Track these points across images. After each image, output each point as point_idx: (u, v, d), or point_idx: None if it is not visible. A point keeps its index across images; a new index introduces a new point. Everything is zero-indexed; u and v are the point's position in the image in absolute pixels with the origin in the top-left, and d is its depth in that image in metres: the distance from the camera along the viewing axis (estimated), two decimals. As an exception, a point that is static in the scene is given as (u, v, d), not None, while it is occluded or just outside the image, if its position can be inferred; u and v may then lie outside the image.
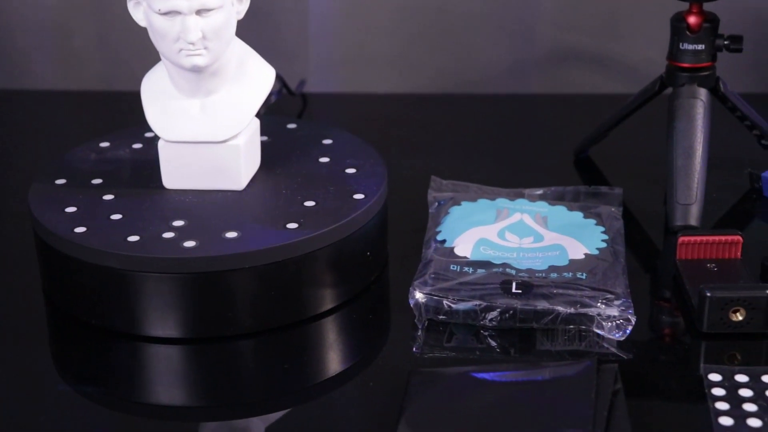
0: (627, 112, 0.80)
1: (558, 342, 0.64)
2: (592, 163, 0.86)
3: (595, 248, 0.69)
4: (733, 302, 0.62)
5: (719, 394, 0.58)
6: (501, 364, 0.60)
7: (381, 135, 0.93)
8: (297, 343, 0.66)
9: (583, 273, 0.66)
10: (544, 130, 0.96)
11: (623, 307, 0.63)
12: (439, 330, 0.64)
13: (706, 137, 0.75)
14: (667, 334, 0.65)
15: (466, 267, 0.66)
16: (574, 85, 1.00)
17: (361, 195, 0.67)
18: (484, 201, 0.75)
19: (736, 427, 0.55)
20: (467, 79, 1.03)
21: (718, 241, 0.67)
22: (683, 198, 0.73)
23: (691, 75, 0.76)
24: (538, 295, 0.64)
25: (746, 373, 0.59)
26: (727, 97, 0.78)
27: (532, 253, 0.69)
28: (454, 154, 0.89)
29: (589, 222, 0.72)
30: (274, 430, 0.59)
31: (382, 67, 1.01)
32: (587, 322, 0.63)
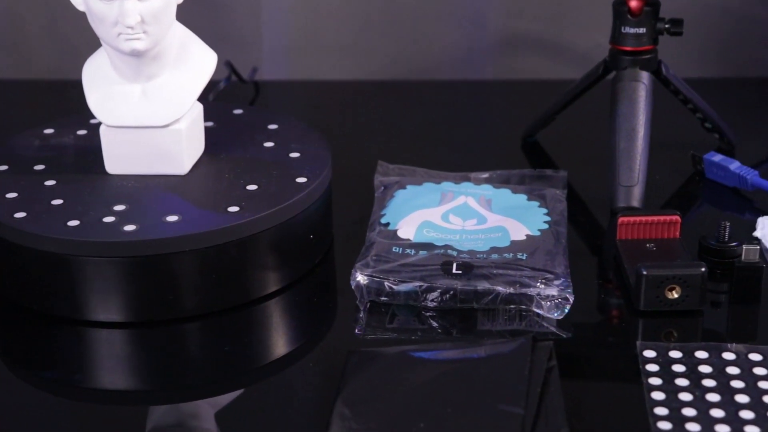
0: (572, 97, 0.81)
1: (498, 322, 0.65)
2: (539, 147, 0.87)
3: (537, 229, 0.70)
4: (669, 280, 0.63)
5: (653, 370, 0.59)
6: (438, 343, 0.61)
7: (333, 121, 0.94)
8: (241, 325, 0.66)
9: (523, 254, 0.67)
10: (495, 115, 0.97)
11: (562, 286, 0.64)
12: (381, 311, 0.65)
13: (648, 120, 0.75)
14: (606, 313, 0.66)
15: (408, 249, 0.67)
16: (526, 71, 1.01)
17: (304, 179, 0.68)
18: (430, 185, 0.75)
19: (667, 401, 0.56)
20: (420, 65, 1.03)
21: (656, 221, 0.68)
22: (625, 180, 0.74)
23: (633, 58, 0.77)
24: (478, 275, 0.64)
25: (680, 350, 0.60)
26: (670, 81, 0.79)
27: (474, 235, 0.69)
28: (405, 139, 0.89)
29: (532, 204, 0.73)
30: (220, 413, 0.59)
31: (335, 54, 1.01)
32: (527, 301, 0.64)
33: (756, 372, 0.58)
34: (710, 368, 0.58)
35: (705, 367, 0.59)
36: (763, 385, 0.57)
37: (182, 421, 0.60)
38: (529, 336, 0.57)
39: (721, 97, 0.94)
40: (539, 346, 0.57)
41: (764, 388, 0.57)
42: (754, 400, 0.56)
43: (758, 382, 0.57)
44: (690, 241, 0.70)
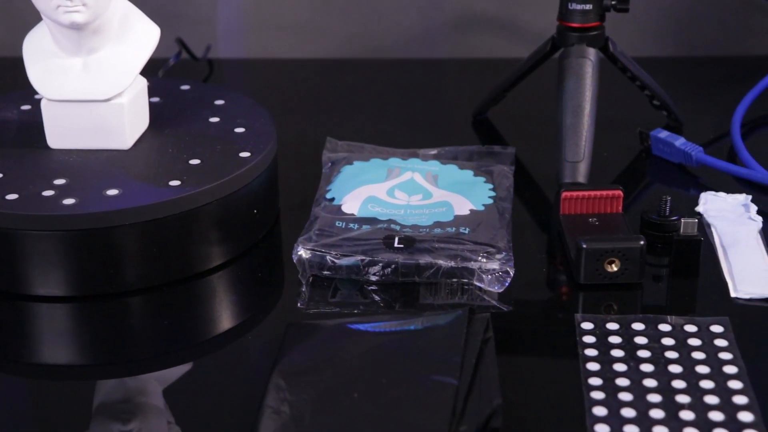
0: (521, 74, 0.82)
1: (440, 295, 0.65)
2: (490, 124, 0.87)
3: (482, 204, 0.70)
4: (608, 253, 0.64)
5: (589, 342, 0.59)
6: (376, 315, 0.61)
7: (287, 99, 0.94)
8: (185, 299, 0.66)
9: (466, 228, 0.67)
10: (448, 93, 0.97)
11: (504, 260, 0.64)
12: (324, 285, 0.65)
13: (595, 96, 0.76)
14: (547, 286, 0.66)
15: (351, 223, 0.67)
16: (481, 50, 1.01)
17: (248, 153, 0.67)
18: (377, 160, 0.75)
19: (601, 372, 0.57)
20: (376, 44, 1.03)
21: (599, 195, 0.68)
22: (571, 155, 0.74)
23: (580, 35, 0.77)
24: (420, 249, 0.65)
25: (617, 322, 0.61)
26: (617, 57, 0.79)
27: (419, 210, 0.69)
28: (359, 117, 0.89)
29: (478, 180, 0.73)
30: (164, 386, 0.59)
31: (291, 33, 1.01)
32: (468, 275, 0.64)
33: (690, 343, 0.58)
34: (646, 339, 0.59)
35: (641, 338, 0.59)
36: (696, 356, 0.57)
37: (129, 397, 0.60)
38: (466, 308, 0.58)
39: (676, 76, 0.95)
40: (476, 318, 0.58)
41: (697, 358, 0.57)
42: (686, 370, 0.56)
43: (692, 352, 0.58)
44: (635, 216, 0.70)
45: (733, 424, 0.53)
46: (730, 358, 0.57)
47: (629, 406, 0.54)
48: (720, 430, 0.52)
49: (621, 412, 0.54)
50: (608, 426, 0.53)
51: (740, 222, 0.69)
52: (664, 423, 0.53)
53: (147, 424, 0.57)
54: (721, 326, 0.60)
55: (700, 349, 0.58)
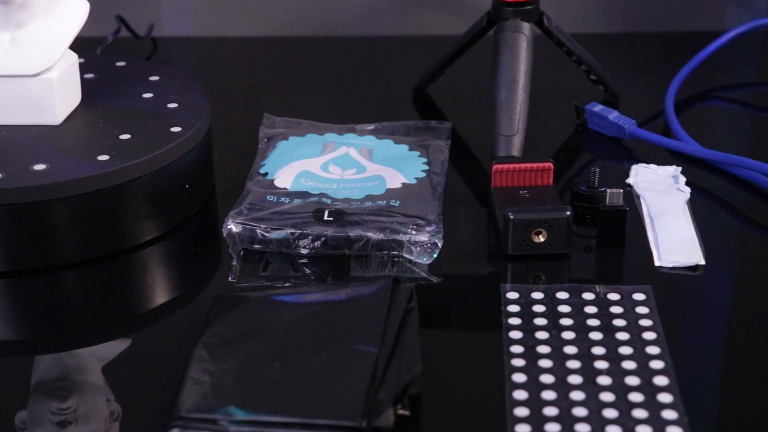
0: (458, 49, 0.82)
1: (371, 268, 0.65)
2: (431, 100, 0.88)
3: (414, 178, 0.70)
4: (535, 224, 0.64)
5: (514, 311, 0.60)
6: (303, 287, 0.62)
7: (230, 77, 0.94)
8: (117, 274, 0.66)
9: (397, 201, 0.67)
10: (393, 70, 0.97)
11: (433, 232, 0.65)
12: (255, 259, 0.65)
13: (529, 70, 0.76)
14: (477, 258, 0.67)
15: (283, 197, 0.67)
16: (427, 27, 1.02)
17: (179, 128, 0.68)
18: (313, 136, 0.76)
19: (524, 340, 0.57)
20: (323, 21, 1.03)
21: (530, 168, 0.69)
22: (505, 129, 0.74)
23: (514, 10, 0.77)
24: (350, 222, 0.65)
25: (542, 291, 0.61)
26: (552, 32, 0.80)
27: (352, 184, 0.70)
28: (303, 94, 0.89)
29: (413, 154, 0.74)
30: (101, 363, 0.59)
31: (238, 11, 1.01)
32: (397, 247, 0.64)
33: (612, 311, 0.59)
34: (569, 308, 0.60)
35: (564, 307, 0.60)
36: (617, 323, 0.58)
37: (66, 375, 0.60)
38: (390, 279, 0.58)
39: (620, 51, 0.96)
40: (400, 288, 0.58)
41: (618, 326, 0.58)
42: (607, 337, 0.57)
43: (613, 320, 0.58)
44: (568, 189, 0.71)
45: (648, 388, 0.53)
46: (649, 325, 0.58)
47: (548, 373, 0.55)
48: (635, 393, 0.53)
49: (540, 378, 0.55)
50: (527, 392, 0.54)
51: (669, 193, 0.70)
52: (581, 388, 0.54)
53: (85, 401, 0.58)
54: (643, 294, 0.60)
55: (622, 316, 0.59)
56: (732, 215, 0.71)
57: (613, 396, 0.53)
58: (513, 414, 0.53)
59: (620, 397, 0.53)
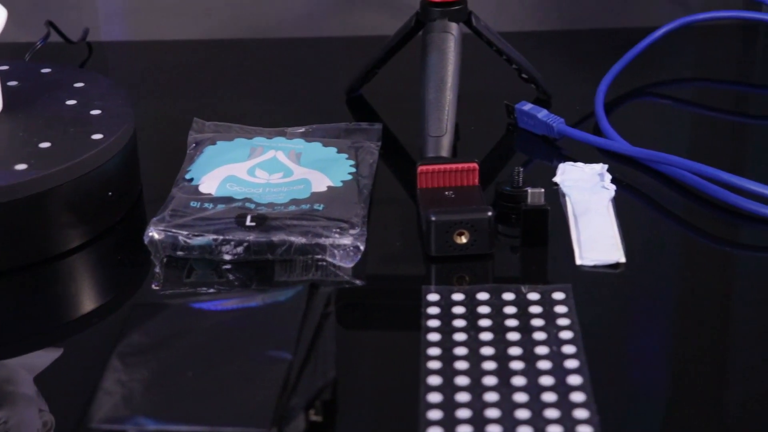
0: (388, 50, 0.82)
1: (295, 272, 0.65)
2: (364, 101, 0.87)
3: (340, 181, 0.70)
4: (457, 225, 0.64)
5: (433, 313, 0.60)
6: (219, 293, 0.62)
7: (164, 81, 0.92)
8: (41, 283, 0.65)
9: (321, 204, 0.67)
10: (331, 71, 0.97)
11: (356, 235, 0.64)
12: (179, 266, 0.65)
13: (457, 70, 0.76)
14: (402, 260, 0.67)
15: (206, 203, 0.67)
16: (365, 28, 1.02)
17: (100, 135, 0.67)
18: (241, 140, 0.75)
19: (441, 342, 0.57)
20: (261, 23, 1.02)
21: (455, 169, 0.69)
22: (434, 130, 0.74)
23: (442, 10, 0.77)
24: (273, 227, 0.65)
25: (463, 292, 0.61)
26: (481, 32, 0.80)
27: (277, 188, 0.69)
28: (238, 98, 0.88)
29: (341, 157, 0.73)
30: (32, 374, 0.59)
31: (176, 14, 0.99)
32: (320, 251, 0.64)
33: (531, 310, 0.59)
34: (489, 309, 0.60)
35: (484, 308, 0.60)
36: (535, 323, 0.58)
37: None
38: (307, 283, 0.58)
39: (555, 49, 0.95)
40: (318, 294, 0.58)
41: (536, 326, 0.58)
42: (524, 337, 0.57)
43: (531, 320, 0.59)
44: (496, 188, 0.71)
45: (562, 388, 0.54)
46: (567, 324, 0.58)
47: (464, 375, 0.55)
48: (548, 393, 0.53)
49: (455, 380, 0.55)
50: (441, 395, 0.54)
51: (594, 191, 0.70)
52: (495, 389, 0.54)
53: (16, 412, 0.57)
54: (563, 293, 0.61)
55: (540, 316, 0.59)
56: (658, 213, 0.71)
57: (526, 396, 0.53)
58: (426, 417, 0.52)
59: (533, 398, 0.53)
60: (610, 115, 0.81)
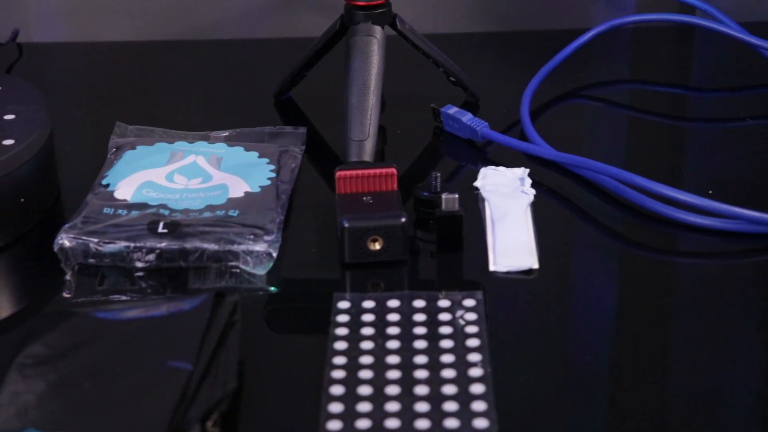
0: (314, 53, 0.81)
1: (209, 279, 0.64)
2: (293, 104, 0.86)
3: (258, 186, 0.69)
4: (370, 231, 0.64)
5: (342, 321, 0.59)
6: (123, 303, 0.61)
7: (94, 83, 0.91)
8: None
9: (236, 210, 0.66)
10: (264, 74, 0.96)
11: (270, 242, 0.64)
12: (91, 274, 0.64)
13: (381, 74, 0.75)
14: (318, 267, 0.66)
15: (120, 210, 0.66)
16: (303, 29, 1.01)
17: (11, 141, 0.66)
18: (162, 144, 0.74)
19: (348, 351, 0.57)
20: (199, 24, 1.02)
21: (373, 174, 0.68)
22: (357, 134, 0.74)
23: (366, 13, 0.77)
24: (186, 234, 0.64)
25: (374, 299, 0.61)
26: (406, 35, 0.80)
27: (194, 194, 0.69)
28: (167, 101, 0.87)
29: (262, 161, 0.73)
30: None
31: (111, 15, 0.98)
32: (233, 258, 0.64)
33: (440, 318, 0.59)
34: (399, 316, 0.59)
35: (394, 315, 0.59)
36: (443, 331, 0.58)
37: None
38: (213, 291, 0.58)
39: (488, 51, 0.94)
40: (224, 302, 0.58)
41: (443, 333, 0.58)
42: (431, 345, 0.57)
43: (440, 327, 0.58)
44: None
45: (464, 396, 0.53)
46: (475, 332, 0.58)
47: (367, 384, 0.54)
48: (450, 402, 0.53)
49: (358, 390, 0.54)
50: (342, 405, 0.53)
51: (513, 195, 0.70)
52: (397, 399, 0.53)
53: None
54: (473, 300, 0.60)
55: (449, 323, 0.59)
56: (578, 218, 0.70)
57: (428, 406, 0.53)
58: (325, 428, 0.52)
59: (435, 407, 0.53)
60: (540, 118, 0.81)
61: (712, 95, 0.89)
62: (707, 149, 0.83)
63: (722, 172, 0.77)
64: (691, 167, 0.80)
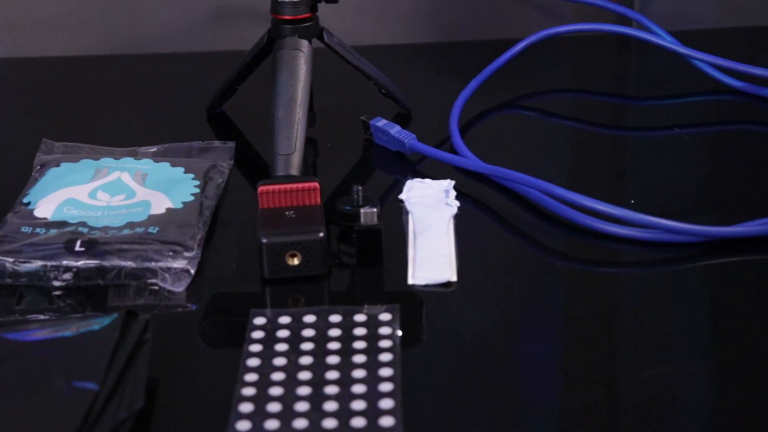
0: (244, 67, 0.81)
1: (128, 297, 0.64)
2: (226, 118, 0.86)
3: (181, 202, 0.69)
4: (288, 247, 0.64)
5: (257, 337, 0.59)
6: (31, 323, 0.60)
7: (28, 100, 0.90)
8: None
9: (155, 227, 0.66)
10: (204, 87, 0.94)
11: (190, 258, 0.64)
12: (9, 293, 0.63)
13: (307, 88, 0.75)
14: (239, 283, 0.65)
15: (39, 228, 0.66)
16: (243, 42, 1.01)
17: (-71, 161, 0.67)
18: (87, 161, 0.74)
19: (260, 367, 0.56)
20: (140, 38, 1.01)
21: (296, 188, 0.68)
22: (283, 148, 0.73)
23: (292, 27, 0.76)
24: (103, 252, 0.64)
25: (290, 315, 0.61)
26: (334, 48, 0.80)
27: (116, 211, 0.68)
28: (100, 116, 0.86)
29: (187, 177, 0.72)
30: None
31: (53, 30, 0.97)
32: (151, 275, 0.64)
33: (355, 333, 0.59)
34: (314, 332, 0.59)
35: (309, 331, 0.59)
36: (357, 346, 0.58)
37: None
38: (123, 310, 0.57)
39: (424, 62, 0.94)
40: (135, 321, 0.57)
41: (357, 348, 0.58)
42: (343, 361, 0.57)
43: (354, 342, 0.58)
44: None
45: (373, 412, 0.53)
46: (388, 346, 0.58)
47: (277, 401, 0.54)
48: (358, 418, 0.53)
49: (267, 407, 0.54)
50: (250, 422, 0.53)
51: (437, 208, 0.70)
52: (306, 416, 0.53)
53: None
54: (390, 314, 0.60)
55: (363, 338, 0.59)
56: (502, 229, 0.70)
57: (335, 422, 0.53)
58: (231, 446, 0.53)
59: (343, 423, 0.53)
60: (474, 129, 0.81)
61: (647, 104, 0.89)
62: (641, 158, 0.83)
63: (656, 180, 0.77)
64: (626, 176, 0.80)
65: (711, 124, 0.85)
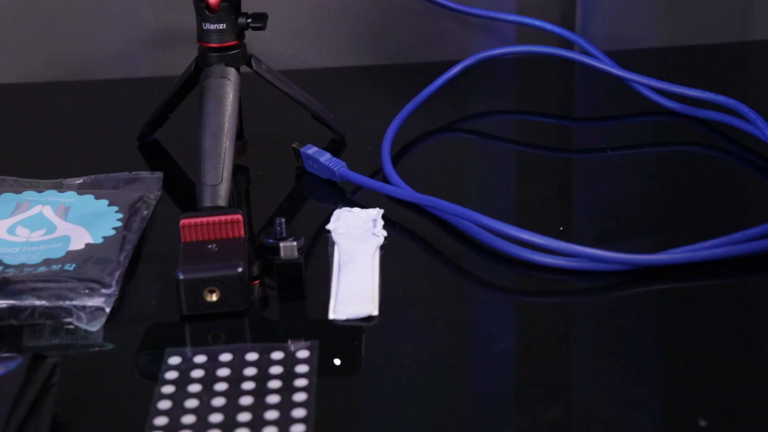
0: (171, 95, 0.79)
1: (44, 337, 0.62)
2: (160, 146, 0.85)
3: (101, 237, 0.68)
4: (206, 282, 0.62)
5: (170, 378, 0.57)
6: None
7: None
8: None
9: (72, 264, 0.65)
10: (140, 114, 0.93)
11: (107, 296, 0.62)
12: None
13: (234, 117, 0.74)
14: (159, 321, 0.64)
15: (-48, 267, 0.65)
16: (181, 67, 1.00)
17: None
18: (8, 195, 0.73)
19: (171, 410, 0.55)
20: (77, 65, 1.00)
21: (219, 221, 0.66)
22: (210, 179, 0.72)
23: (219, 55, 0.75)
24: (16, 291, 0.62)
25: (206, 354, 0.59)
26: (263, 76, 0.78)
27: (35, 247, 0.67)
28: (37, 145, 0.85)
29: (111, 210, 0.71)
30: None
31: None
32: (65, 314, 0.62)
33: (271, 371, 0.57)
34: (229, 371, 0.58)
35: (224, 370, 0.58)
36: (272, 385, 0.56)
37: None
38: (29, 354, 0.55)
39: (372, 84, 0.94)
40: (42, 364, 0.56)
41: (272, 388, 0.56)
42: (257, 401, 0.55)
43: (269, 381, 0.57)
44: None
45: (282, 457, 0.53)
46: (304, 385, 0.56)
47: (185, 446, 0.54)
48: (267, 464, 0.53)
49: (175, 452, 0.53)
50: (157, 469, 0.53)
51: (363, 238, 0.68)
52: (214, 461, 0.53)
53: None
54: (308, 351, 0.59)
55: (279, 377, 0.57)
56: (431, 259, 0.68)
57: (244, 467, 0.52)
58: (134, 495, 0.51)
59: (251, 468, 0.52)
60: (410, 153, 0.80)
61: (586, 125, 0.88)
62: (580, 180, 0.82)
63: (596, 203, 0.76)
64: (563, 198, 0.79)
65: (648, 145, 0.85)
